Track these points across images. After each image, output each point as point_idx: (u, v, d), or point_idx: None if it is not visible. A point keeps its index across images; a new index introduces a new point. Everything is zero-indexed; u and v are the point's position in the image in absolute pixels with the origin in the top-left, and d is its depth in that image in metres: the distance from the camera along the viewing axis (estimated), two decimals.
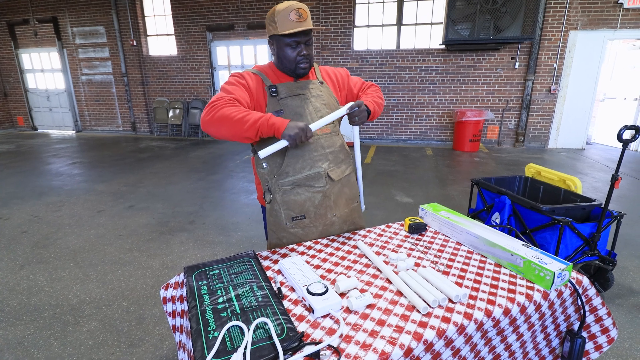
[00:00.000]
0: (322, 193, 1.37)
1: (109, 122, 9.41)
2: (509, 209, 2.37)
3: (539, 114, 6.83)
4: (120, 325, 1.97)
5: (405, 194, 4.20)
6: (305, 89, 1.37)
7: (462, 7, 6.11)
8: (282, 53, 1.30)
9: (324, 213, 1.39)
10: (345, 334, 0.83)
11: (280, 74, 1.37)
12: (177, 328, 1.11)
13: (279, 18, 1.22)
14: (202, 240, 3.03)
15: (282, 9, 1.22)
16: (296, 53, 1.29)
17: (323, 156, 1.36)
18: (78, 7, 8.60)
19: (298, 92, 1.35)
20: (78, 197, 4.14)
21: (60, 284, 2.38)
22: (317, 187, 1.36)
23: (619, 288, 2.32)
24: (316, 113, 1.35)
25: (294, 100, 1.33)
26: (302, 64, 1.31)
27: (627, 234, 3.05)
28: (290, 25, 1.23)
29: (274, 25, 1.25)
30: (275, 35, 1.27)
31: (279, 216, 1.37)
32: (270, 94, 1.32)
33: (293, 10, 1.22)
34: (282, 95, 1.33)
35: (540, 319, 1.04)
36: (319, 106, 1.36)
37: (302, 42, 1.28)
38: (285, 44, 1.28)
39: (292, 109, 1.32)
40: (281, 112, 1.31)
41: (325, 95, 1.40)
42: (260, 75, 1.33)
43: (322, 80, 1.43)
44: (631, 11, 6.01)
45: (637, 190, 4.32)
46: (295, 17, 1.22)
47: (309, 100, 1.35)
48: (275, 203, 1.36)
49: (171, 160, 6.05)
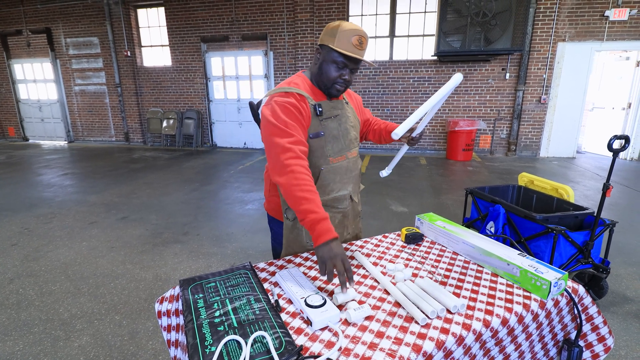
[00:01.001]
0: (342, 213, 1.40)
1: (102, 133, 9.36)
2: (504, 218, 2.39)
3: (530, 123, 6.95)
4: (113, 340, 1.93)
5: (400, 203, 4.21)
6: (339, 110, 1.33)
7: (453, 20, 6.24)
8: (326, 67, 1.23)
9: (341, 232, 1.42)
10: (345, 346, 0.83)
11: (316, 91, 1.30)
12: (172, 343, 1.09)
13: (341, 35, 1.17)
14: (196, 251, 2.99)
15: (348, 29, 1.17)
16: (338, 74, 1.23)
17: (350, 179, 1.39)
18: (72, 18, 8.62)
19: (335, 112, 1.32)
20: (70, 208, 4.09)
21: (50, 297, 2.33)
22: (339, 208, 1.39)
23: (613, 296, 2.33)
24: (347, 136, 1.35)
25: (332, 121, 1.30)
26: (339, 86, 1.26)
27: (620, 242, 3.09)
28: (348, 48, 1.17)
29: (332, 38, 1.18)
30: (326, 46, 1.21)
31: (300, 234, 1.36)
32: (315, 113, 1.26)
33: (357, 35, 1.17)
34: (325, 116, 1.28)
35: (538, 329, 1.04)
36: (349, 128, 1.36)
37: (349, 67, 1.23)
38: (333, 61, 1.21)
39: (330, 131, 1.29)
40: (321, 134, 1.28)
41: (352, 116, 1.40)
42: (304, 95, 1.25)
43: (348, 100, 1.43)
44: (617, 24, 6.18)
45: (628, 198, 4.38)
46: (357, 42, 1.18)
47: (342, 122, 1.33)
48: (297, 221, 1.34)
49: (165, 171, 6.02)
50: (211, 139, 8.66)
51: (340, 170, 1.34)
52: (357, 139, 1.43)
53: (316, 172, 1.30)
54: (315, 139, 1.27)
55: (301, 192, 1.09)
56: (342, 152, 1.34)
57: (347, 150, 1.36)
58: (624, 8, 6.06)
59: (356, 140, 1.42)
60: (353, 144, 1.39)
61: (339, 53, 1.19)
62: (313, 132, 1.26)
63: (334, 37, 1.18)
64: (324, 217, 1.07)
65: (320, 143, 1.28)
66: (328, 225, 1.07)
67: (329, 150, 1.30)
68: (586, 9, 6.25)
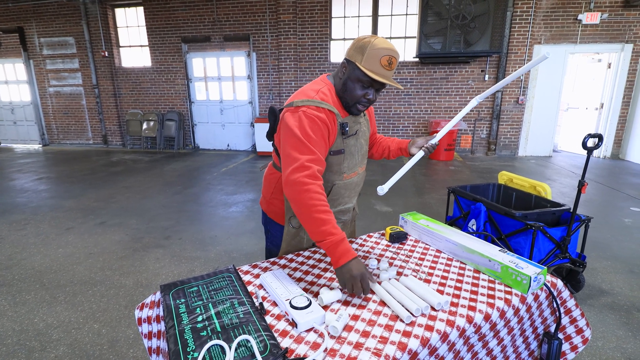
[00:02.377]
0: (343, 223, 1.43)
1: (79, 135, 9.07)
2: (485, 216, 2.44)
3: (509, 123, 7.13)
4: (92, 350, 1.86)
5: (384, 203, 4.24)
6: (357, 125, 1.29)
7: (434, 22, 6.35)
8: (351, 85, 1.17)
9: None
10: (330, 347, 0.82)
11: (339, 105, 1.24)
12: (153, 350, 1.06)
13: (371, 54, 1.09)
14: (178, 256, 2.93)
15: (379, 48, 1.09)
16: (363, 94, 1.17)
17: (356, 193, 1.41)
18: (46, 17, 8.33)
19: (356, 128, 1.28)
20: (44, 214, 3.94)
21: (24, 307, 2.23)
22: (342, 219, 1.41)
23: (590, 289, 2.41)
24: (361, 151, 1.34)
25: (351, 139, 1.27)
26: (361, 106, 1.21)
27: (595, 237, 3.20)
28: (376, 69, 1.10)
29: (361, 56, 1.11)
30: (353, 63, 1.14)
31: (302, 241, 1.36)
32: (341, 132, 1.22)
33: (387, 55, 1.09)
34: (348, 134, 1.25)
35: (519, 323, 1.06)
36: (363, 143, 1.35)
37: (374, 87, 1.17)
38: (359, 80, 1.15)
39: (349, 149, 1.27)
40: (342, 151, 1.25)
41: (366, 130, 1.37)
42: (334, 111, 1.20)
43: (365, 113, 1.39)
44: (589, 27, 6.43)
45: (602, 195, 4.55)
46: (386, 63, 1.10)
47: (359, 137, 1.31)
48: (301, 229, 1.33)
49: (145, 174, 5.88)
50: (193, 141, 8.52)
51: (351, 186, 1.35)
52: (367, 153, 1.42)
53: (328, 187, 1.29)
54: (335, 155, 1.24)
55: (318, 214, 1.05)
56: (355, 167, 1.33)
57: (360, 165, 1.36)
58: (595, 12, 6.31)
59: (366, 154, 1.41)
60: (364, 158, 1.39)
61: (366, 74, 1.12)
62: (335, 149, 1.23)
63: (363, 54, 1.10)
64: (342, 237, 1.04)
65: (339, 160, 1.26)
66: (347, 245, 1.04)
67: (345, 167, 1.29)
68: (560, 12, 6.47)
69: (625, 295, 2.35)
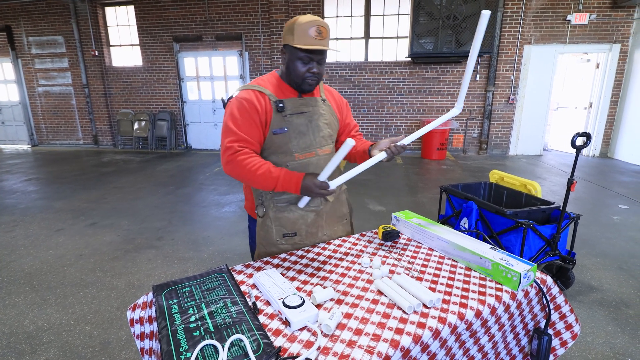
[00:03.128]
0: (315, 212, 1.38)
1: (69, 136, 8.95)
2: (476, 214, 2.46)
3: (500, 122, 7.21)
4: (83, 352, 1.84)
5: (377, 202, 4.26)
6: (310, 107, 1.34)
7: (426, 22, 6.39)
8: (292, 65, 1.25)
9: (315, 232, 1.40)
10: (323, 345, 0.82)
11: (285, 87, 1.32)
12: (145, 351, 1.06)
13: (299, 30, 1.17)
14: (171, 256, 2.91)
15: (304, 22, 1.17)
16: (306, 69, 1.24)
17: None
18: (34, 15, 8.20)
19: (303, 109, 1.32)
20: (34, 215, 3.88)
21: (14, 310, 2.20)
22: (311, 207, 1.37)
23: (580, 285, 2.45)
24: (318, 132, 1.34)
25: (299, 118, 1.30)
26: (309, 80, 1.26)
27: (584, 234, 3.25)
28: (308, 41, 1.17)
29: (291, 36, 1.19)
30: (289, 45, 1.22)
31: (270, 232, 1.34)
32: (277, 110, 1.27)
33: (314, 26, 1.17)
34: (288, 112, 1.29)
35: (510, 319, 1.07)
36: (322, 125, 1.35)
37: (314, 60, 1.24)
38: (298, 58, 1.22)
39: (295, 127, 1.29)
40: (285, 130, 1.28)
41: (327, 114, 1.39)
42: (265, 92, 1.27)
43: (325, 98, 1.42)
44: (578, 27, 6.52)
45: (591, 193, 4.63)
46: (316, 34, 1.17)
47: (312, 118, 1.33)
48: (267, 218, 1.34)
49: (137, 174, 5.83)
50: (185, 140, 8.46)
51: (309, 167, 1.33)
52: (332, 137, 1.41)
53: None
54: (278, 134, 1.28)
55: (258, 172, 1.19)
56: (310, 148, 1.33)
57: (318, 147, 1.35)
58: (584, 13, 6.41)
59: (331, 137, 1.41)
60: (326, 141, 1.38)
61: (301, 49, 1.20)
62: (276, 128, 1.27)
63: (293, 34, 1.19)
64: (284, 173, 1.19)
65: (284, 139, 1.29)
66: (291, 175, 1.19)
67: (294, 146, 1.30)
68: (550, 13, 6.55)
69: (613, 291, 2.39)
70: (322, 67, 1.27)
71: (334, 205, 1.45)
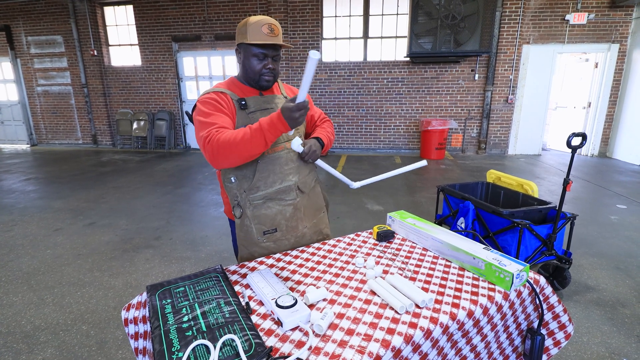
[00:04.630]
0: (293, 206, 1.38)
1: (68, 135, 8.95)
2: (473, 214, 2.47)
3: (499, 122, 7.21)
4: (80, 351, 1.85)
5: (375, 202, 4.27)
6: (272, 103, 1.36)
7: (424, 22, 6.39)
8: (248, 63, 1.29)
9: (295, 225, 1.40)
10: (315, 345, 0.83)
11: (245, 88, 1.35)
12: (140, 351, 1.06)
13: (251, 29, 1.22)
14: (169, 256, 2.92)
15: (255, 21, 1.22)
16: (262, 65, 1.28)
17: (293, 169, 1.37)
18: (33, 15, 8.20)
19: (266, 106, 1.34)
20: (32, 215, 3.89)
21: (11, 309, 2.20)
22: (288, 200, 1.37)
23: (576, 285, 2.46)
24: None
25: (262, 114, 1.32)
26: (266, 76, 1.30)
27: (582, 234, 3.26)
28: (260, 37, 1.22)
29: (244, 35, 1.24)
30: (243, 44, 1.26)
31: (250, 231, 1.35)
32: (240, 107, 1.30)
33: (266, 24, 1.22)
34: (251, 109, 1.32)
35: (502, 319, 1.08)
36: None
37: (269, 56, 1.28)
38: (253, 54, 1.26)
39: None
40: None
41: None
42: (226, 92, 1.30)
43: (287, 95, 1.44)
44: (577, 27, 6.52)
45: (590, 192, 4.63)
46: (267, 31, 1.22)
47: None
48: (245, 218, 1.35)
49: (135, 174, 5.83)
50: (184, 140, 8.46)
51: (280, 161, 1.34)
52: (298, 130, 1.42)
53: (254, 165, 1.31)
54: None
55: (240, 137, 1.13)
56: (278, 142, 1.34)
57: (286, 140, 1.36)
58: (583, 12, 6.41)
59: (297, 131, 1.41)
60: (293, 135, 1.39)
61: (255, 45, 1.23)
62: (242, 124, 1.28)
63: (246, 33, 1.23)
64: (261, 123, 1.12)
65: None
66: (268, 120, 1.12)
67: None
68: (548, 13, 6.55)
69: (610, 291, 2.40)
70: (277, 63, 1.32)
71: (310, 197, 1.46)
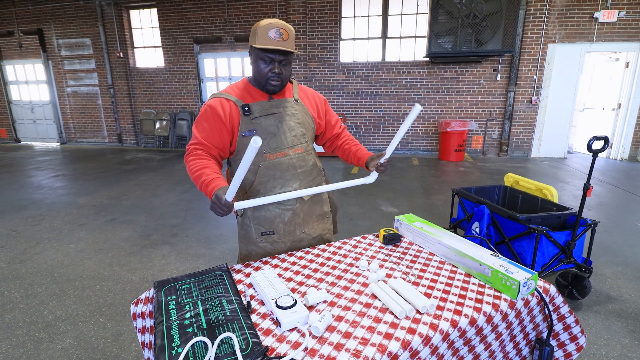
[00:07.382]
0: (291, 211, 1.39)
1: (95, 134, 9.31)
2: (488, 218, 2.41)
3: (521, 124, 6.99)
4: (96, 342, 1.92)
5: (390, 204, 4.23)
6: (280, 108, 1.36)
7: (445, 22, 6.27)
8: (256, 66, 1.30)
9: (293, 230, 1.41)
10: (311, 347, 0.83)
11: (254, 91, 1.35)
12: (146, 345, 1.10)
13: (260, 32, 1.23)
14: (184, 253, 2.99)
15: (265, 25, 1.23)
16: (268, 69, 1.28)
17: (294, 176, 1.38)
18: (64, 19, 8.58)
19: (272, 111, 1.34)
20: (59, 210, 4.07)
21: (35, 300, 2.32)
22: (287, 205, 1.39)
23: (597, 295, 2.36)
24: (290, 132, 1.35)
25: (267, 119, 1.33)
26: (272, 80, 1.30)
27: (605, 241, 3.12)
28: (267, 42, 1.22)
29: (254, 38, 1.25)
30: (252, 47, 1.28)
31: (249, 230, 1.39)
32: (244, 113, 1.31)
33: (274, 28, 1.22)
34: (255, 115, 1.32)
35: (508, 328, 1.05)
36: (293, 125, 1.37)
37: (276, 60, 1.27)
38: (260, 58, 1.27)
39: (265, 128, 1.32)
40: (254, 132, 1.31)
41: (300, 113, 1.40)
42: (231, 98, 1.32)
43: (298, 98, 1.43)
44: (606, 25, 6.25)
45: (617, 198, 4.43)
46: (275, 35, 1.22)
47: (283, 119, 1.35)
48: (246, 217, 1.40)
49: (157, 172, 6.00)
50: None
51: (281, 167, 1.35)
52: (305, 136, 1.41)
53: (255, 169, 1.34)
54: (247, 137, 1.32)
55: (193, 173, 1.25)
56: (280, 148, 1.35)
57: (289, 146, 1.36)
58: (612, 10, 6.13)
59: (304, 136, 1.40)
60: (299, 140, 1.38)
61: (261, 49, 1.24)
62: (245, 130, 1.31)
63: (255, 36, 1.24)
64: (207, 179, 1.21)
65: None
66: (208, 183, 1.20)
67: (264, 147, 1.33)
68: (576, 10, 6.31)
69: (633, 302, 2.28)
70: (286, 68, 1.31)
71: (311, 204, 1.45)
